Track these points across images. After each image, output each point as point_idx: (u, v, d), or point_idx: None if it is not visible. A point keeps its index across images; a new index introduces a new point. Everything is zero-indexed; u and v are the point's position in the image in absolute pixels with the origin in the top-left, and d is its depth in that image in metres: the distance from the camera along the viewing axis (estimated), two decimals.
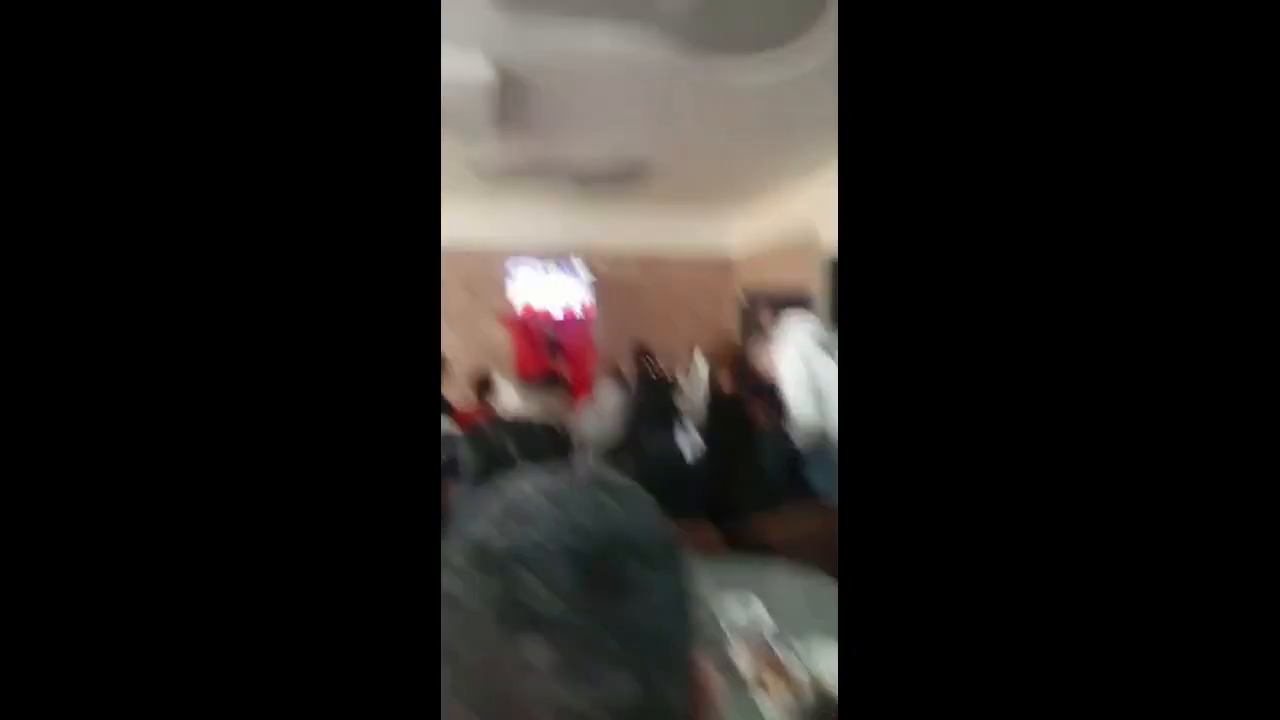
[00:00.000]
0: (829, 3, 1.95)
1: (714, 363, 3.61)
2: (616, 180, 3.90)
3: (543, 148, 3.26)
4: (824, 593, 1.43)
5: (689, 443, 1.91)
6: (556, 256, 4.69)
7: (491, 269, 4.64)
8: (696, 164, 3.66)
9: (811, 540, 1.60)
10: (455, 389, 3.38)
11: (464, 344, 4.56)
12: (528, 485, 0.30)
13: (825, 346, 2.16)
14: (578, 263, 4.66)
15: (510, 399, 3.04)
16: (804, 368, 2.11)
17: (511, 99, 2.49)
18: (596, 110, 2.73)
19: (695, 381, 3.60)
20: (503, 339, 4.63)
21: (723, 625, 1.23)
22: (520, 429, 1.66)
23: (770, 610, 1.29)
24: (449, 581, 0.27)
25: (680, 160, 3.58)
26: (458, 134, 2.78)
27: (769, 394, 2.10)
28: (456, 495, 1.72)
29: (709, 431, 2.00)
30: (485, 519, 0.29)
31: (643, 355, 3.58)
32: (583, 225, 4.81)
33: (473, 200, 4.30)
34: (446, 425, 2.48)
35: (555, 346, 4.11)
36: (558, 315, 4.56)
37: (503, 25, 1.95)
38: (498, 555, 0.26)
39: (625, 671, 0.24)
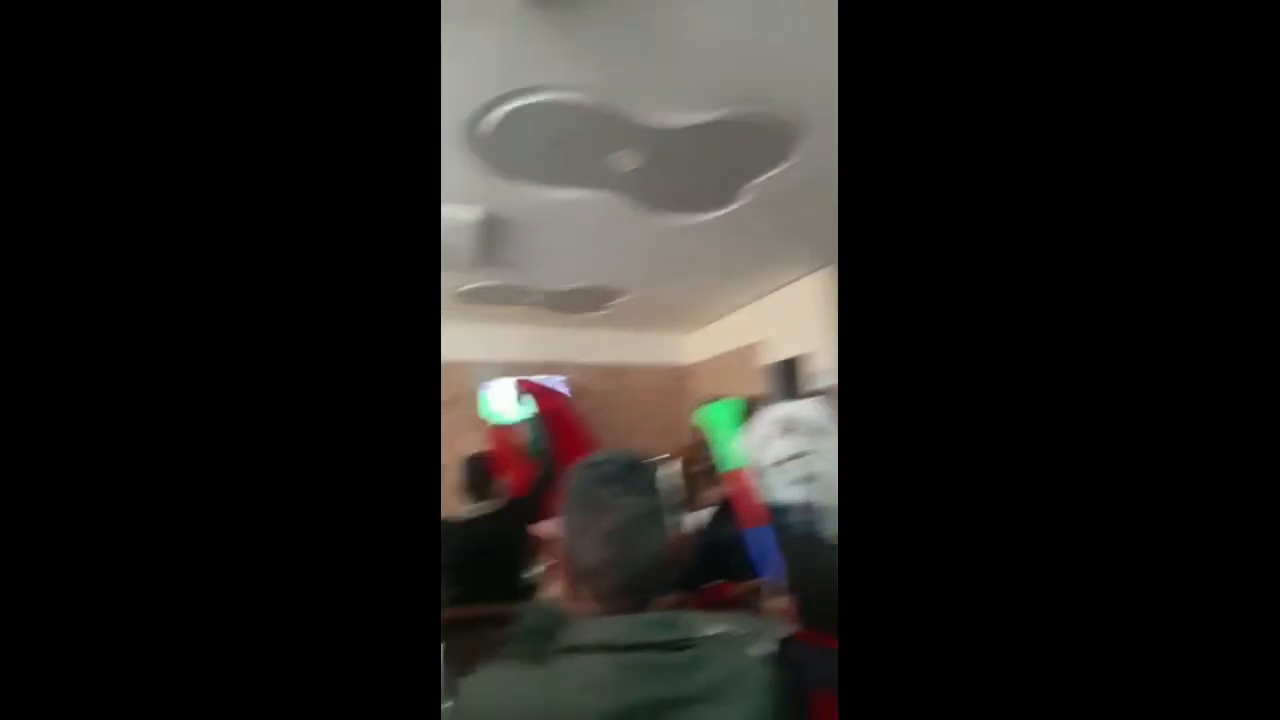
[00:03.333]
0: (751, 173, 2.59)
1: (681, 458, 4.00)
2: (583, 305, 4.49)
3: (519, 276, 3.86)
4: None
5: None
6: (532, 370, 5.17)
7: (470, 383, 5.08)
8: (651, 292, 4.33)
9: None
10: None
11: (445, 454, 4.87)
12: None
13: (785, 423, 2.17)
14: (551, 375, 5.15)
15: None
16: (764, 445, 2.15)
17: (495, 238, 3.08)
18: (564, 246, 3.34)
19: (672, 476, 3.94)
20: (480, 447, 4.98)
21: None
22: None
23: None
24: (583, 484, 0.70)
25: (636, 289, 4.24)
26: (450, 266, 3.35)
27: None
28: None
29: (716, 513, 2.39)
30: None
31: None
32: (555, 343, 5.37)
33: (457, 321, 4.82)
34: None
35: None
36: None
37: (491, 184, 2.56)
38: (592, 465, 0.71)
39: (637, 498, 0.67)
